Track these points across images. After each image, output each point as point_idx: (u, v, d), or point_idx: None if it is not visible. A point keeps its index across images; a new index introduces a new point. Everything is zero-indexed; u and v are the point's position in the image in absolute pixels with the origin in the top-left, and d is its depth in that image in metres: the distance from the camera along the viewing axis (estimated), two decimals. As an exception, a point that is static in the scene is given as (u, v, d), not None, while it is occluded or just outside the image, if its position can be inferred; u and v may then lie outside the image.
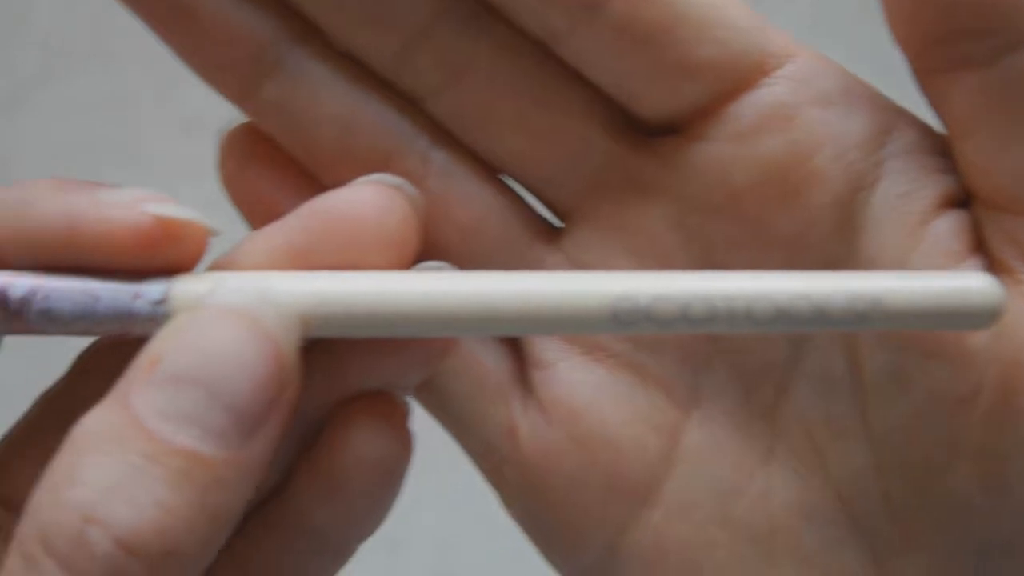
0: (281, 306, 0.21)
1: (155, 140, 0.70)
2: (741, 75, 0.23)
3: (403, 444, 0.24)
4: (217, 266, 0.23)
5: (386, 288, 0.22)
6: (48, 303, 0.22)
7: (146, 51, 0.84)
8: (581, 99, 0.24)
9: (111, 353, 0.24)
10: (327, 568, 0.24)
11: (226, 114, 0.26)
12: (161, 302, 0.22)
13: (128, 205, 0.22)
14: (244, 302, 0.21)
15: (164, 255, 0.22)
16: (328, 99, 0.24)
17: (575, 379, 0.25)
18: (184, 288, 0.22)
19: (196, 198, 0.23)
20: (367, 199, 0.23)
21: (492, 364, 0.26)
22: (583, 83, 0.24)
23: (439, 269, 0.23)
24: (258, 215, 0.25)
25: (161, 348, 0.20)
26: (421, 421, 0.25)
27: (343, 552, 0.24)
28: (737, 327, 0.22)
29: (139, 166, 0.70)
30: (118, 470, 0.19)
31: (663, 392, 0.25)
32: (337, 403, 0.23)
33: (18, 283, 0.22)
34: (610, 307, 0.21)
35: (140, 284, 0.22)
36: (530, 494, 0.25)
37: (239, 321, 0.21)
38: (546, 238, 0.25)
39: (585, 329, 0.22)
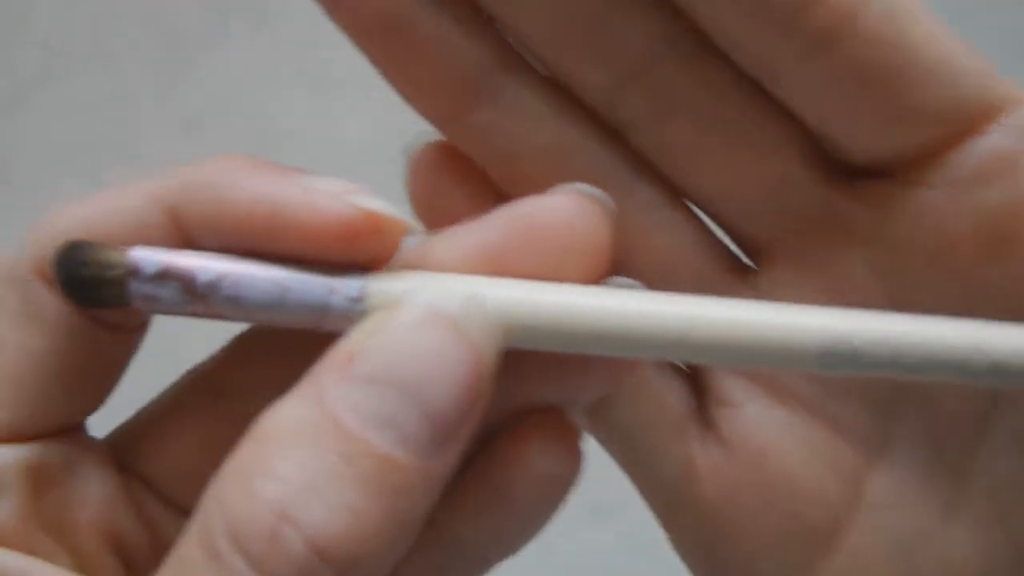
0: (487, 314, 0.21)
1: (155, 140, 0.70)
2: (965, 121, 0.23)
3: (574, 463, 0.23)
4: (407, 264, 0.22)
5: (595, 304, 0.21)
6: (237, 290, 0.21)
7: (146, 51, 0.84)
8: (788, 137, 0.24)
9: (272, 340, 0.23)
10: None
11: (226, 116, 0.26)
12: (358, 299, 0.21)
13: (336, 196, 0.21)
14: (450, 306, 0.20)
15: (364, 249, 0.21)
16: (537, 128, 0.24)
17: (762, 420, 0.25)
18: (382, 286, 0.21)
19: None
20: (568, 208, 0.22)
21: (672, 396, 0.25)
22: (791, 120, 0.24)
23: (630, 287, 0.23)
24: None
25: (360, 345, 0.20)
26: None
27: (483, 567, 0.23)
28: (946, 377, 0.21)
29: (139, 166, 0.70)
30: (313, 468, 0.19)
31: (848, 439, 0.25)
32: (510, 415, 0.23)
33: (208, 267, 0.21)
34: (819, 346, 0.21)
35: (335, 278, 0.21)
36: (705, 531, 0.25)
37: (445, 326, 0.20)
38: (738, 274, 0.25)
39: (789, 365, 0.21)
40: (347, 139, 0.68)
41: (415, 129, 0.25)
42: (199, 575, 0.19)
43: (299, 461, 0.19)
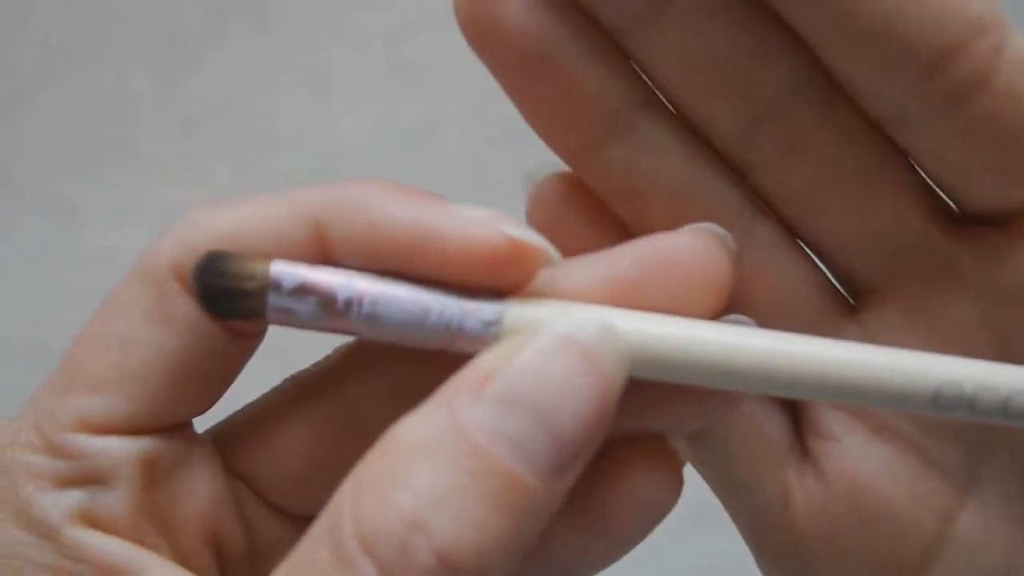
0: (619, 345, 0.21)
1: (155, 140, 0.70)
2: None
3: (675, 490, 0.24)
4: (536, 290, 0.23)
5: (718, 340, 0.22)
6: (376, 308, 0.22)
7: (146, 51, 0.84)
8: (907, 182, 0.24)
9: (381, 351, 0.24)
10: None
11: (226, 116, 0.25)
12: (493, 323, 0.22)
13: (487, 224, 0.22)
14: (584, 335, 0.21)
15: (506, 276, 0.22)
16: (667, 165, 0.24)
17: (861, 454, 0.25)
18: (518, 312, 0.22)
19: (195, 198, 0.23)
20: (696, 246, 0.23)
21: (771, 427, 0.26)
22: (911, 166, 0.24)
23: (746, 324, 0.24)
24: None
25: (494, 366, 0.20)
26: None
27: None
28: None
29: (139, 166, 0.70)
30: (445, 481, 0.19)
31: (942, 475, 0.25)
32: (616, 440, 0.23)
33: (349, 285, 0.22)
34: (934, 389, 0.21)
35: (470, 301, 0.22)
36: (797, 562, 0.25)
37: (578, 353, 0.21)
38: (846, 314, 0.25)
39: (901, 405, 0.22)
40: (347, 139, 0.68)
41: (414, 130, 0.25)
42: None
43: (429, 474, 0.20)
